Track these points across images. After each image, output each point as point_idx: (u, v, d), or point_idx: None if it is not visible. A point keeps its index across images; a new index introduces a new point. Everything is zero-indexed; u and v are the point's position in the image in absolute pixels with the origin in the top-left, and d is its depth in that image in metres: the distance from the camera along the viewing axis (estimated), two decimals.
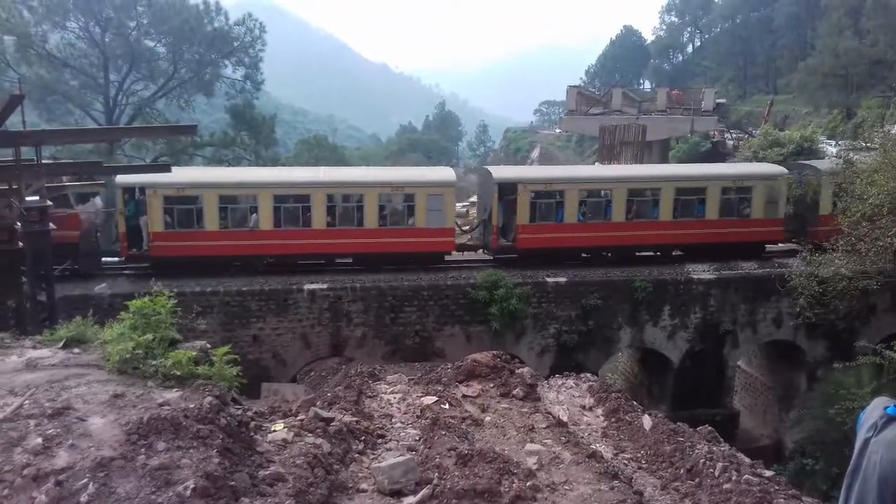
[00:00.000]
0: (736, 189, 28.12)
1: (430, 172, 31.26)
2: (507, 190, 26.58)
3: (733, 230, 28.04)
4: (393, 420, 9.80)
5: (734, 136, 63.40)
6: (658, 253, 28.26)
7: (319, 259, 26.32)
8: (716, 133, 63.25)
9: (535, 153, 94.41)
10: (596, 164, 52.25)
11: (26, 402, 6.60)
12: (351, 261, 26.65)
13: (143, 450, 5.86)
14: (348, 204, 26.05)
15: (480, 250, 28.35)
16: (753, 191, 28.08)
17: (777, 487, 7.65)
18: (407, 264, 25.90)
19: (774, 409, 29.05)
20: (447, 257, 27.35)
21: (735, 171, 29.85)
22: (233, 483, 5.77)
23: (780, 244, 29.49)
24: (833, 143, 44.38)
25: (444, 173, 29.01)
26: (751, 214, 28.14)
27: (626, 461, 8.96)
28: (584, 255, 27.57)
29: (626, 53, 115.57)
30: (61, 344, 8.74)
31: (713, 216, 27.85)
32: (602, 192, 27.79)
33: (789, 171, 29.26)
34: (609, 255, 27.57)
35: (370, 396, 10.72)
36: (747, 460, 8.57)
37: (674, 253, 28.13)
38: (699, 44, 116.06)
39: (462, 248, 28.17)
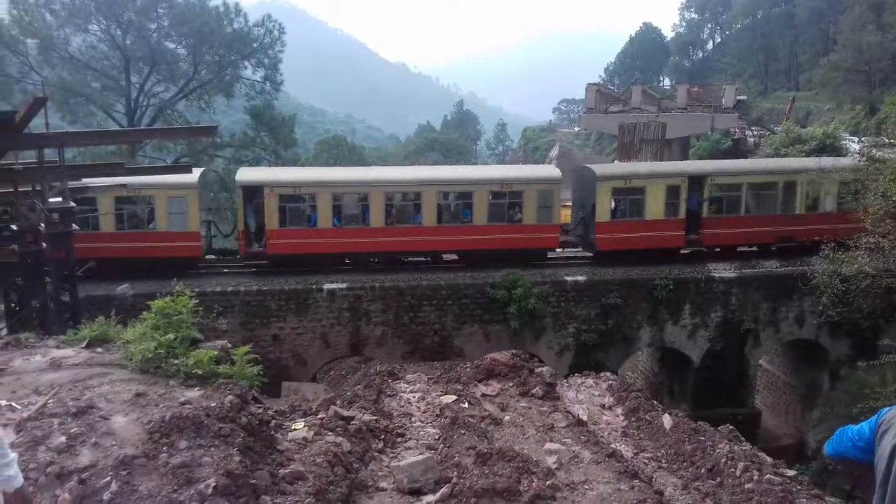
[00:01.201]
0: (506, 194, 26.73)
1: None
2: (254, 193, 25.54)
3: (503, 236, 26.59)
4: (412, 419, 9.82)
5: (755, 133, 62.84)
6: (428, 259, 27.20)
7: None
8: (737, 130, 62.68)
9: (554, 152, 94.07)
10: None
11: (50, 401, 6.68)
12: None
13: (165, 448, 5.91)
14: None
15: None
16: (525, 195, 26.60)
17: (799, 487, 7.59)
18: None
19: (797, 408, 28.77)
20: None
21: (504, 175, 28.12)
22: (253, 481, 5.81)
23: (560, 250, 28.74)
24: (856, 139, 43.88)
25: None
26: (522, 220, 26.65)
27: (646, 460, 8.92)
28: (347, 261, 26.57)
29: (646, 51, 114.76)
30: (84, 344, 8.82)
31: (481, 221, 26.40)
32: (358, 195, 26.51)
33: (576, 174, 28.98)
34: (374, 260, 26.65)
35: (390, 395, 10.76)
36: (769, 460, 8.50)
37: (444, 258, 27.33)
38: (720, 40, 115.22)
39: None
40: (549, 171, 29.61)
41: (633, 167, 27.12)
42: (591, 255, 28.13)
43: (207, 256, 26.95)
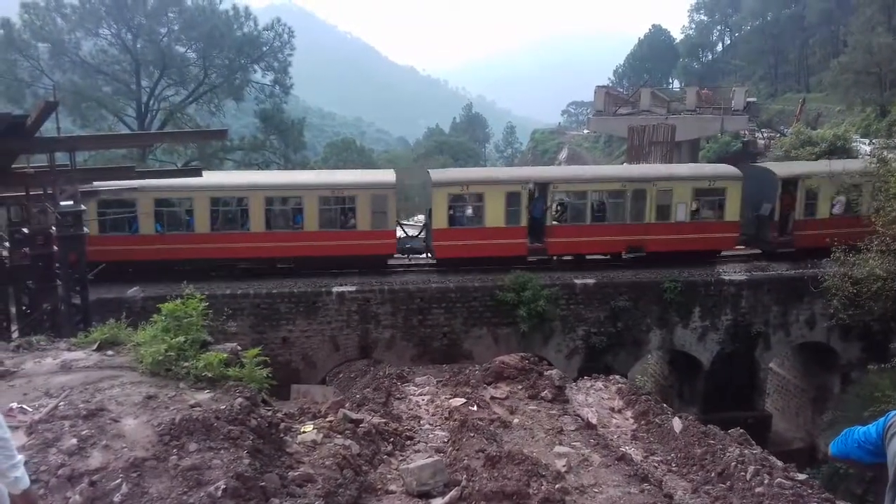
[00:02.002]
0: (337, 199, 25.77)
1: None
2: None
3: (336, 242, 25.63)
4: (421, 422, 9.82)
5: (765, 135, 62.60)
6: (262, 266, 26.11)
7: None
8: (747, 132, 62.47)
9: (563, 154, 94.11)
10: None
11: (61, 403, 6.71)
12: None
13: (175, 450, 5.93)
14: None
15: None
16: (358, 201, 25.58)
17: (810, 491, 7.56)
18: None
19: (808, 411, 28.62)
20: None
21: (335, 181, 27.10)
22: (263, 484, 5.82)
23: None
24: (867, 141, 43.64)
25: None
26: (356, 226, 25.66)
27: (655, 464, 8.90)
28: (177, 268, 24.98)
29: (655, 53, 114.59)
30: (95, 346, 8.85)
31: (312, 227, 25.42)
32: (180, 201, 25.51)
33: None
34: (189, 268, 25.01)
35: (399, 398, 10.76)
36: (780, 463, 8.47)
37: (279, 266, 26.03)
38: (729, 42, 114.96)
39: None
40: (384, 175, 28.64)
41: (470, 173, 25.52)
42: (434, 262, 27.13)
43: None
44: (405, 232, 28.19)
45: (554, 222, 26.91)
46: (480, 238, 25.96)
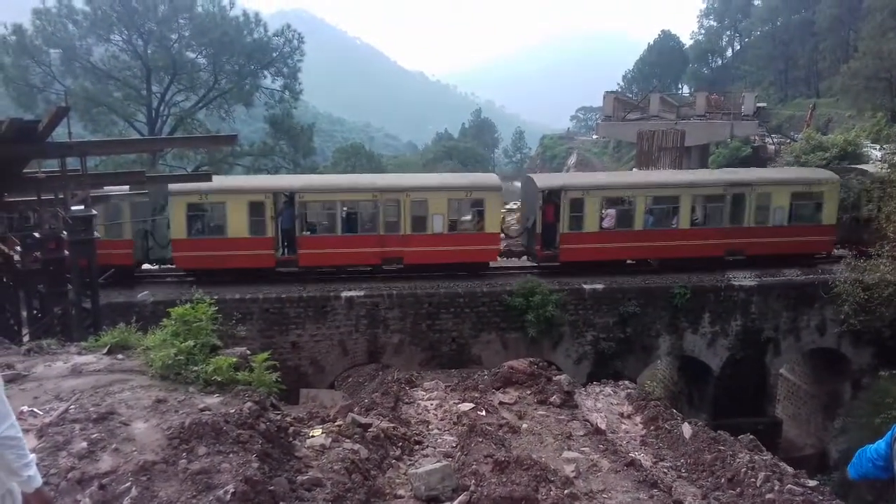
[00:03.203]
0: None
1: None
2: None
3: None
4: (430, 426, 9.81)
5: (775, 140, 62.39)
6: None
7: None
8: (756, 138, 62.25)
9: (572, 159, 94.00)
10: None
11: (72, 406, 6.74)
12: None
13: (184, 454, 5.94)
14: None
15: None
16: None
17: (821, 498, 7.52)
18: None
19: (818, 417, 28.46)
20: None
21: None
22: (272, 488, 5.82)
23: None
24: (878, 146, 43.43)
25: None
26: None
27: (665, 470, 8.86)
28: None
29: (664, 58, 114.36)
30: (105, 350, 8.89)
31: None
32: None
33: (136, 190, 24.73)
34: None
35: (407, 403, 10.75)
36: (790, 470, 8.42)
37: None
38: (739, 47, 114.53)
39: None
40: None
41: (214, 182, 25.12)
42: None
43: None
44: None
45: (306, 233, 25.87)
46: (223, 249, 24.86)
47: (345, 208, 25.74)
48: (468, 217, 26.49)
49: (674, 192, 27.00)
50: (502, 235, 28.34)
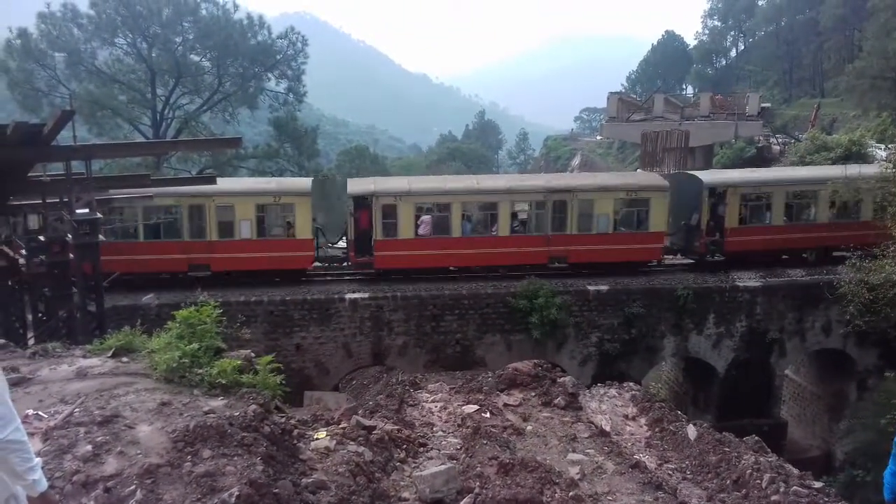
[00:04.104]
0: None
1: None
2: None
3: None
4: (434, 429, 9.81)
5: (780, 140, 62.30)
6: None
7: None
8: (761, 138, 62.20)
9: (576, 161, 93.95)
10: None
11: (76, 409, 6.76)
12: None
13: (189, 457, 5.96)
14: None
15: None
16: None
17: (827, 499, 7.49)
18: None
19: (824, 419, 28.39)
20: None
21: None
22: (276, 490, 5.83)
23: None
24: (883, 146, 43.31)
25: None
26: None
27: (670, 472, 8.84)
28: None
29: (668, 59, 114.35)
30: (110, 353, 8.92)
31: None
32: None
33: None
34: None
35: (411, 405, 10.75)
36: (796, 471, 8.39)
37: None
38: (743, 48, 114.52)
39: None
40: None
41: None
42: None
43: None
44: None
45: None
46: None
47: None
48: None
49: (491, 198, 26.33)
50: None
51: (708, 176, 28.85)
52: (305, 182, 27.10)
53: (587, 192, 26.48)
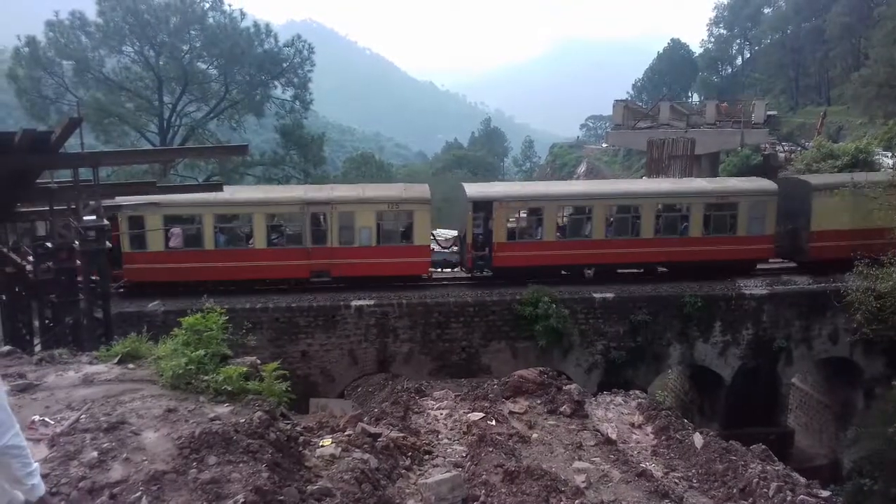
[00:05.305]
0: None
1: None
2: None
3: None
4: (439, 436, 9.80)
5: (786, 148, 62.18)
6: None
7: None
8: (767, 146, 62.09)
9: (582, 168, 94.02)
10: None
11: (83, 416, 6.77)
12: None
13: (194, 464, 5.96)
14: None
15: None
16: None
17: None
18: None
19: (831, 427, 28.25)
20: None
21: None
22: (282, 498, 5.83)
23: None
24: (889, 153, 43.21)
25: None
26: None
27: (676, 480, 8.81)
28: None
29: (674, 67, 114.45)
30: (117, 360, 8.92)
31: None
32: None
33: None
34: None
35: (417, 412, 10.74)
36: (803, 480, 8.37)
37: None
38: (749, 56, 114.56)
39: None
40: None
41: None
42: None
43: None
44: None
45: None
46: None
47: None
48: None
49: (243, 210, 25.64)
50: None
51: (473, 189, 27.90)
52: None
53: (347, 204, 25.58)
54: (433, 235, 28.45)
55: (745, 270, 27.62)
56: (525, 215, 26.94)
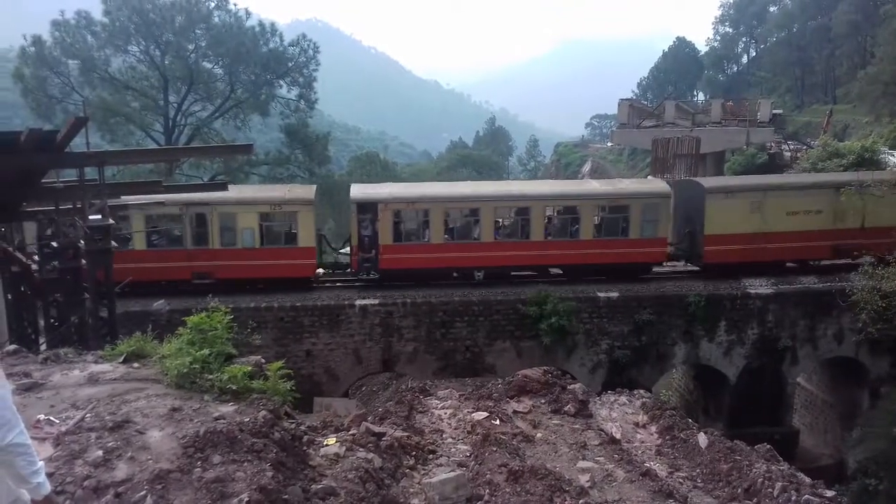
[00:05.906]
0: None
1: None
2: None
3: None
4: (444, 435, 9.80)
5: (792, 147, 62.01)
6: None
7: None
8: (773, 144, 61.91)
9: (587, 167, 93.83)
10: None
11: (88, 415, 6.78)
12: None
13: (199, 463, 5.97)
14: None
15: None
16: None
17: None
18: None
19: (836, 427, 28.16)
20: None
21: None
22: (286, 497, 5.84)
23: None
24: (895, 153, 43.02)
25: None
26: None
27: (681, 480, 8.80)
28: None
29: (680, 65, 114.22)
30: (122, 359, 8.94)
31: None
32: None
33: None
34: None
35: (421, 412, 10.75)
36: (807, 480, 8.35)
37: None
38: (754, 54, 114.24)
39: None
40: None
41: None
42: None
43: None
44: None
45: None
46: None
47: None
48: None
49: (123, 211, 24.61)
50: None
51: (357, 190, 27.74)
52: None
53: (228, 205, 25.23)
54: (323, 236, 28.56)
55: (640, 273, 27.35)
56: (412, 217, 26.68)
